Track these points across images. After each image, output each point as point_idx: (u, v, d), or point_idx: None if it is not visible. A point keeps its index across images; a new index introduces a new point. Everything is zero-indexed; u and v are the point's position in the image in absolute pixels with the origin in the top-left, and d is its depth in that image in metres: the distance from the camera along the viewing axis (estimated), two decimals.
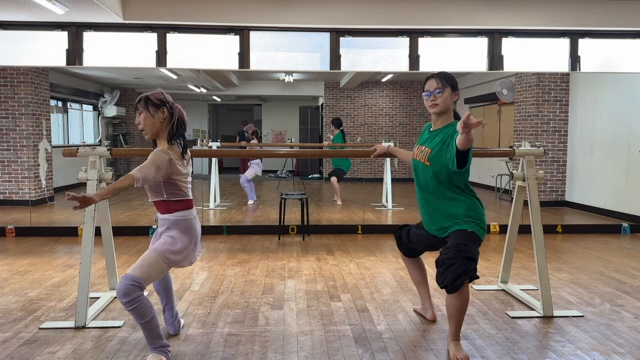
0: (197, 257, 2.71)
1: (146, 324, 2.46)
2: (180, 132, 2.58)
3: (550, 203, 7.83)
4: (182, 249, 2.55)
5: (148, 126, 2.52)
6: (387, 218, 6.96)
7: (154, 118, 2.51)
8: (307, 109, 12.35)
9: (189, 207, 2.62)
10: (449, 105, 2.68)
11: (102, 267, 4.02)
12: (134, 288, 2.37)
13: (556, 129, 7.84)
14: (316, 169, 11.91)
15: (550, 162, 7.84)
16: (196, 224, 2.66)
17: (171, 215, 2.57)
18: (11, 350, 2.67)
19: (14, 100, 7.28)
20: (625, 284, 3.95)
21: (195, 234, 2.63)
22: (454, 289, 2.51)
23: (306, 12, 5.26)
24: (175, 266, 2.60)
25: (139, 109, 2.52)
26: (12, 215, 6.69)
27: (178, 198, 2.57)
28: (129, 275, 2.40)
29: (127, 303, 2.37)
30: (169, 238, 2.55)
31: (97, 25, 5.27)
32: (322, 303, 3.44)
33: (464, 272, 2.48)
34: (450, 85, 2.68)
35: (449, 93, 2.67)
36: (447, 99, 2.66)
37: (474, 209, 2.66)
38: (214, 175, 7.65)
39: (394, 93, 10.40)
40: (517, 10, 5.32)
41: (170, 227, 2.57)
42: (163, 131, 2.54)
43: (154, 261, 2.49)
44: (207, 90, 10.43)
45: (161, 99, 2.54)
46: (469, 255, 2.53)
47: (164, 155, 2.45)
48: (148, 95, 2.53)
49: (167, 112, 2.53)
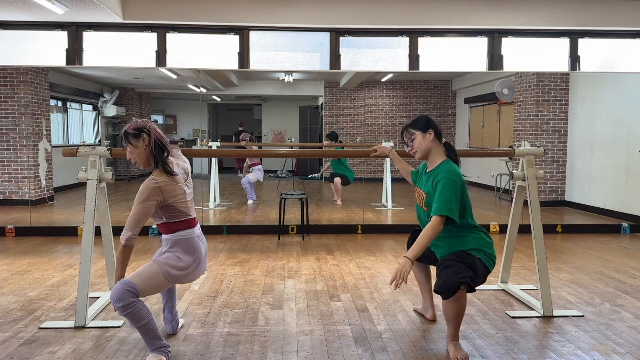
0: (200, 275, 2.71)
1: (142, 328, 2.46)
2: (160, 154, 2.53)
3: (550, 203, 7.83)
4: (184, 267, 2.57)
5: (137, 157, 2.55)
6: (387, 218, 6.96)
7: (138, 149, 2.53)
8: (307, 109, 12.35)
9: (191, 227, 2.62)
10: (427, 147, 2.72)
11: (102, 267, 4.02)
12: (128, 294, 2.37)
13: (556, 129, 7.84)
14: (316, 169, 11.90)
15: (550, 162, 7.84)
16: (199, 242, 2.65)
17: (173, 236, 2.58)
18: (11, 350, 2.67)
19: (14, 100, 7.29)
20: (625, 284, 3.95)
21: (198, 253, 2.63)
22: (448, 295, 2.50)
23: (306, 12, 5.26)
24: (176, 282, 2.61)
25: (124, 146, 2.55)
26: (12, 215, 6.69)
27: (179, 219, 2.57)
28: (125, 281, 2.40)
29: (121, 309, 2.38)
30: (173, 255, 2.57)
31: (97, 25, 5.27)
32: (322, 303, 3.44)
33: (460, 276, 2.46)
34: (420, 129, 2.72)
35: (421, 137, 2.72)
36: (421, 143, 2.72)
37: (480, 242, 2.65)
38: (214, 175, 7.65)
39: (394, 93, 10.41)
40: (517, 10, 5.32)
41: (173, 246, 2.59)
42: (150, 157, 2.54)
43: (154, 273, 2.49)
44: (207, 90, 10.43)
45: (137, 127, 2.54)
46: (469, 263, 2.54)
47: (152, 185, 2.45)
48: (126, 130, 2.55)
49: (147, 138, 2.52)
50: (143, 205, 2.44)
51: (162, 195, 2.47)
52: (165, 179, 2.50)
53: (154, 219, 2.59)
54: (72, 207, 7.51)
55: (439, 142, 2.75)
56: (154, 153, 2.53)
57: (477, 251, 2.63)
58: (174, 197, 2.51)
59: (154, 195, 2.45)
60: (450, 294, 2.49)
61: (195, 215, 2.69)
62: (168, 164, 2.54)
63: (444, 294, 2.50)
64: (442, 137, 2.78)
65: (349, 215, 6.96)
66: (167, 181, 2.50)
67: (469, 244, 2.63)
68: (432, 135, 2.72)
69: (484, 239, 2.68)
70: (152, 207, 2.46)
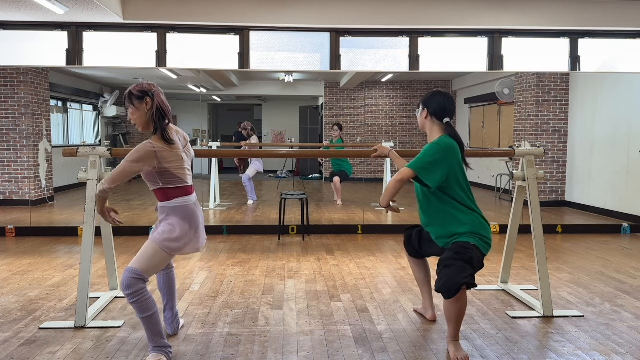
0: (203, 244, 2.68)
1: (147, 319, 2.47)
2: (161, 120, 2.51)
3: (550, 203, 7.83)
4: (181, 236, 2.53)
5: (137, 120, 2.54)
6: (387, 218, 6.95)
7: (139, 111, 2.51)
8: (307, 109, 12.34)
9: (188, 194, 2.59)
10: (422, 123, 2.83)
11: (102, 267, 4.02)
12: (135, 281, 2.41)
13: (556, 129, 7.84)
14: (316, 169, 11.90)
15: (550, 162, 7.83)
16: (196, 209, 2.62)
17: (169, 203, 2.55)
18: (11, 350, 2.67)
19: (14, 100, 7.28)
20: (625, 284, 3.94)
21: (195, 220, 2.60)
22: (449, 295, 2.51)
23: (306, 12, 5.26)
24: (178, 253, 2.57)
25: (126, 105, 2.54)
26: (12, 215, 6.69)
27: (175, 185, 2.54)
28: (129, 269, 2.43)
29: (129, 295, 2.41)
30: (168, 226, 2.53)
31: (97, 25, 5.27)
32: (322, 303, 3.44)
33: (461, 276, 2.47)
34: (420, 104, 2.83)
35: (420, 112, 2.83)
36: (419, 118, 2.86)
37: (477, 225, 2.65)
38: (214, 175, 7.65)
39: (394, 93, 10.40)
40: (517, 10, 5.32)
41: (169, 214, 2.55)
42: (150, 121, 2.52)
43: (154, 252, 2.49)
44: (207, 90, 10.43)
45: (142, 89, 2.53)
46: (468, 258, 2.53)
47: (147, 148, 2.43)
48: (130, 90, 2.53)
49: (150, 102, 2.51)
50: (131, 165, 2.43)
51: (156, 160, 2.44)
52: (162, 145, 2.47)
53: (150, 183, 2.56)
54: (72, 207, 7.51)
55: (438, 121, 2.76)
56: (154, 118, 2.51)
57: (473, 235, 2.61)
58: (169, 163, 2.48)
59: (146, 159, 2.42)
60: (452, 294, 2.49)
61: (192, 183, 2.65)
62: (167, 131, 2.51)
63: (446, 293, 2.51)
64: (447, 116, 2.75)
65: (349, 215, 6.96)
66: (164, 147, 2.47)
67: (464, 225, 2.63)
68: (426, 113, 2.78)
69: (480, 221, 2.67)
70: (139, 168, 2.44)
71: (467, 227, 2.62)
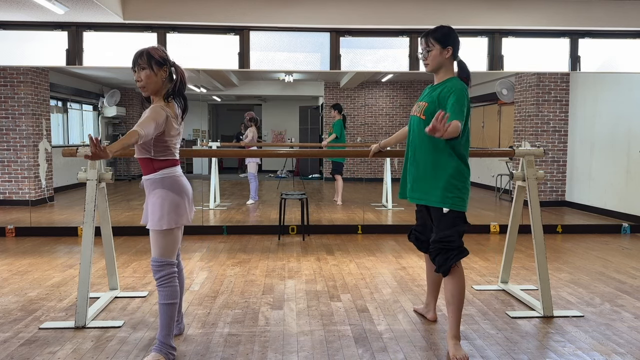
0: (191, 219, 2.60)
1: (168, 307, 2.50)
2: (182, 92, 2.51)
3: (550, 203, 7.82)
4: (174, 206, 2.46)
5: (151, 84, 2.43)
6: (387, 218, 6.96)
7: (156, 76, 2.43)
8: (307, 109, 12.35)
9: (174, 165, 2.53)
10: (440, 62, 2.68)
11: (102, 267, 4.02)
12: (161, 267, 2.49)
13: (556, 129, 7.84)
14: (316, 169, 11.90)
15: (550, 162, 7.84)
16: (184, 180, 2.56)
17: (156, 175, 2.47)
18: (11, 350, 2.67)
19: (14, 100, 7.28)
20: (625, 284, 3.94)
21: (185, 190, 2.53)
22: (446, 271, 2.65)
23: (306, 12, 5.26)
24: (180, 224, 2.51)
25: (141, 65, 2.42)
26: (12, 215, 6.69)
27: (165, 157, 2.48)
28: (152, 260, 2.52)
29: (158, 280, 2.49)
30: (157, 200, 2.46)
31: (97, 25, 5.27)
32: (322, 303, 3.44)
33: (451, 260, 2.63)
34: (440, 42, 2.66)
35: (439, 50, 2.67)
36: (436, 57, 2.67)
37: (460, 173, 2.61)
38: (214, 175, 7.65)
39: (394, 93, 10.40)
40: (517, 10, 5.32)
41: (156, 187, 2.48)
42: (162, 89, 2.47)
43: (159, 237, 2.48)
44: (207, 90, 10.43)
45: (163, 57, 2.46)
46: (454, 245, 2.64)
47: (162, 112, 2.38)
48: (150, 52, 2.43)
49: (173, 73, 2.49)
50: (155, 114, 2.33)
51: (165, 125, 2.39)
52: (172, 112, 2.44)
53: (140, 149, 2.45)
54: (72, 207, 7.51)
55: (453, 60, 2.71)
56: (176, 90, 2.47)
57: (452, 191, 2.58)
58: (170, 134, 2.44)
59: (162, 120, 2.36)
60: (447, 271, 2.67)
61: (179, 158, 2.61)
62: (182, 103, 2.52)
63: (443, 273, 2.69)
64: (458, 54, 2.72)
65: (349, 215, 6.96)
66: (173, 115, 2.44)
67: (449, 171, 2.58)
68: (450, 53, 2.68)
69: (464, 171, 2.64)
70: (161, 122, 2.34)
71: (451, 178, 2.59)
